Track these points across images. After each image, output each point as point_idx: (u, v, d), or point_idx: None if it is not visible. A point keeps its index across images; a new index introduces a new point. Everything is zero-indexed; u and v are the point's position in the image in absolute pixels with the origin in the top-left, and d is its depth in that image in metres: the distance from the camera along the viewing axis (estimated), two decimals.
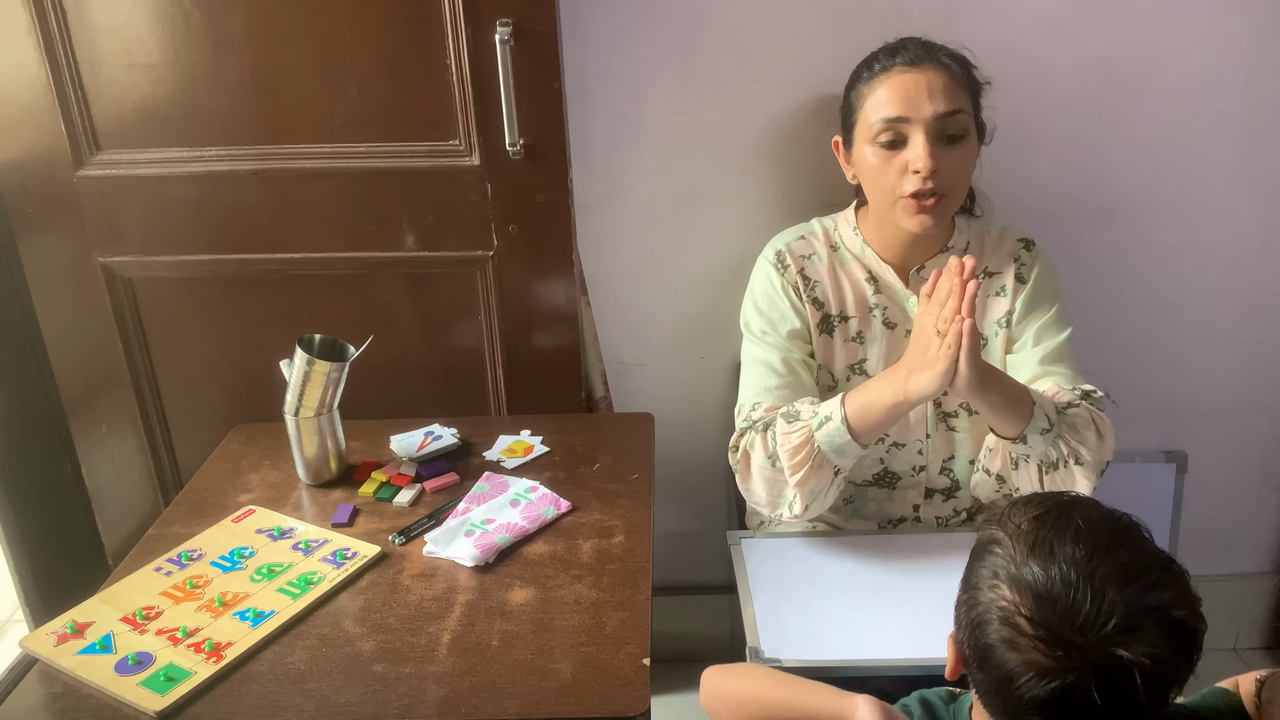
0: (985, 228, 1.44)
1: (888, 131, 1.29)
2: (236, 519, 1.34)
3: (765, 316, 1.42)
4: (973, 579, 0.83)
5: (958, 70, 1.30)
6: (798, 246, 1.43)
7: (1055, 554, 0.77)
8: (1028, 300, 1.39)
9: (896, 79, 1.29)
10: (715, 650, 1.92)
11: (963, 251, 1.40)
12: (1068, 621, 0.75)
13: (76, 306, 1.62)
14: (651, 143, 1.62)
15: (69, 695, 1.06)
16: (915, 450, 1.44)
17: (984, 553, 0.83)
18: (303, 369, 1.36)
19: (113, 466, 1.73)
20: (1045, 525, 0.80)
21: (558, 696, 1.02)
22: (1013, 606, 0.77)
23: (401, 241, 1.56)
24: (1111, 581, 0.75)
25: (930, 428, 1.42)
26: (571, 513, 1.34)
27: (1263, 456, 1.89)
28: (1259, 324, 1.77)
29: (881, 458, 1.45)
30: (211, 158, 1.52)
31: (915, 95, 1.27)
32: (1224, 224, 1.69)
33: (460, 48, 1.44)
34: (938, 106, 1.27)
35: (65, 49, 1.46)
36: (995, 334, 1.41)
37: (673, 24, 1.54)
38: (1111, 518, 0.82)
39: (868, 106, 1.31)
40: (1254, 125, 1.61)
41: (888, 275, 1.41)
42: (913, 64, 1.29)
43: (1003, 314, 1.40)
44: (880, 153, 1.30)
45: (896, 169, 1.29)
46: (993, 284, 1.41)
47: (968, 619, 0.82)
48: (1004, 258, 1.41)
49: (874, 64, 1.33)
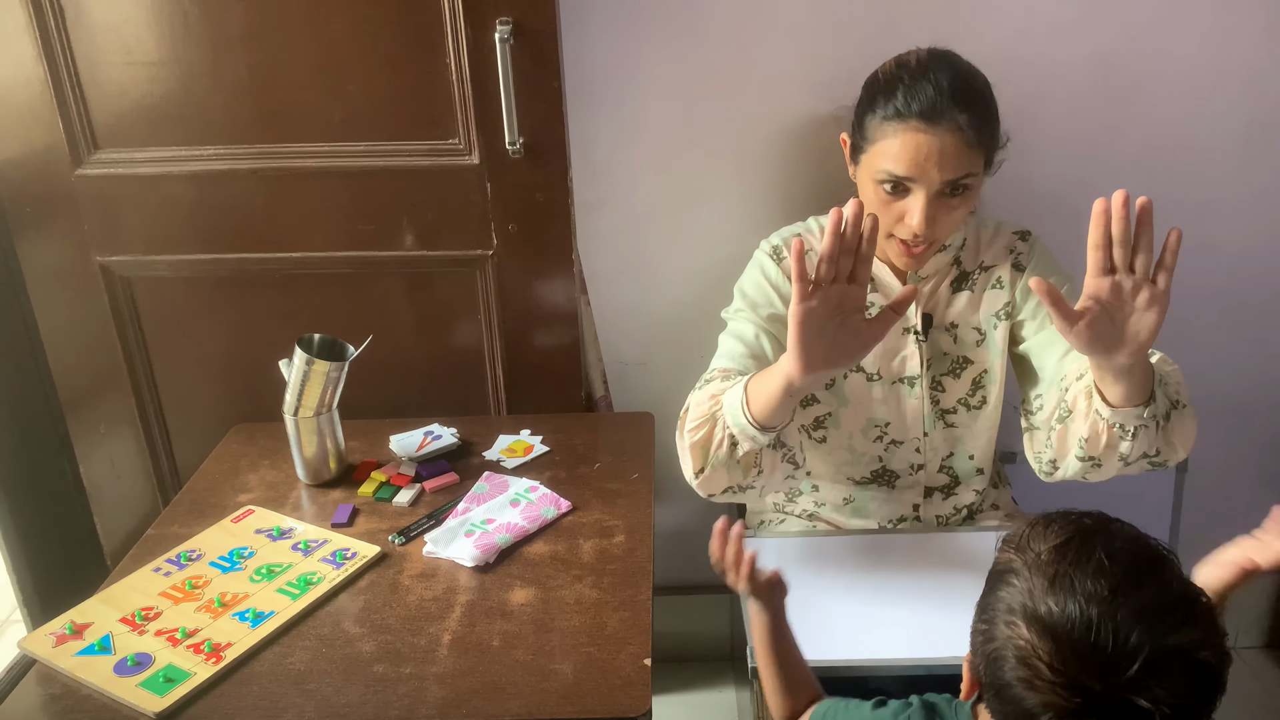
0: (981, 223, 1.43)
1: (890, 182, 1.25)
2: (236, 519, 1.34)
3: (749, 298, 1.39)
4: (989, 610, 0.80)
5: (973, 136, 1.22)
6: (795, 242, 1.42)
7: (1075, 590, 0.74)
8: None
9: (910, 138, 1.22)
10: (716, 650, 1.93)
11: (959, 249, 1.39)
12: (1088, 666, 0.72)
13: (75, 306, 1.61)
14: (651, 142, 1.62)
15: (68, 696, 1.05)
16: (913, 448, 1.43)
17: (1001, 582, 0.80)
18: (302, 368, 1.36)
19: (111, 466, 1.73)
20: (1066, 557, 0.77)
21: (559, 697, 1.02)
22: (1030, 647, 0.74)
23: (401, 241, 1.56)
24: (1134, 622, 0.72)
25: (928, 425, 1.42)
26: (572, 512, 1.34)
27: (1262, 457, 1.89)
28: (1259, 324, 1.77)
29: (880, 455, 1.44)
30: (210, 157, 1.52)
31: (925, 160, 1.21)
32: (1224, 224, 1.69)
33: (460, 46, 1.44)
34: (945, 174, 1.22)
35: (63, 47, 1.46)
36: (994, 326, 1.39)
37: (673, 23, 1.54)
38: (1136, 547, 0.78)
39: (877, 149, 1.26)
40: (1255, 125, 1.61)
41: (884, 274, 1.39)
42: (928, 120, 1.21)
43: (1001, 306, 1.39)
44: (882, 195, 1.27)
45: (895, 214, 1.27)
46: (989, 277, 1.40)
47: (984, 651, 0.79)
48: (1000, 251, 1.40)
49: (890, 100, 1.24)
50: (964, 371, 1.41)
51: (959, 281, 1.39)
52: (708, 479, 1.22)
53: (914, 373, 1.39)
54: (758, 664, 1.10)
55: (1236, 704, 2.18)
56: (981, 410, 1.43)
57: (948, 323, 1.40)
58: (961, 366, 1.41)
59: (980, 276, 1.40)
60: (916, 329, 1.38)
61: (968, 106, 1.22)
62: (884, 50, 1.51)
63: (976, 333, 1.40)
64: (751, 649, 1.18)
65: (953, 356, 1.41)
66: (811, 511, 1.51)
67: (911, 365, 1.39)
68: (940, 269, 1.38)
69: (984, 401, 1.42)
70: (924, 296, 1.39)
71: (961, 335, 1.40)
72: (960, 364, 1.41)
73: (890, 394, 1.41)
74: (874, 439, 1.43)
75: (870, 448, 1.44)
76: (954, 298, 1.39)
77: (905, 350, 1.39)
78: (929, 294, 1.39)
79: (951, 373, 1.41)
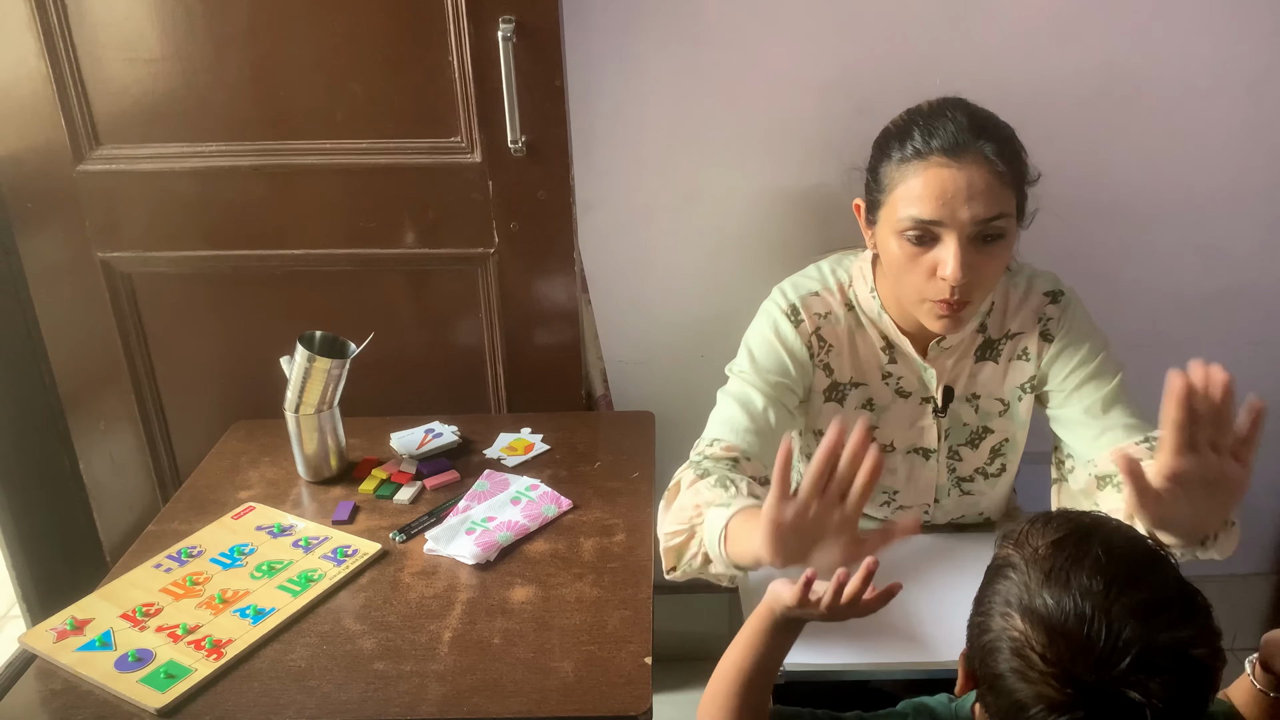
0: (1012, 281, 1.30)
1: (917, 229, 1.13)
2: (236, 516, 1.34)
3: (757, 363, 1.28)
4: (985, 603, 0.80)
5: (1003, 168, 1.12)
6: (813, 303, 1.29)
7: (1071, 584, 0.74)
8: (1064, 354, 1.27)
9: (934, 174, 1.11)
10: (716, 649, 1.92)
11: (985, 315, 1.28)
12: (1080, 659, 0.72)
13: (75, 302, 1.61)
14: (653, 140, 1.62)
15: (68, 692, 1.05)
16: (922, 511, 1.38)
17: (998, 576, 0.80)
18: (303, 365, 1.36)
19: (111, 463, 1.73)
20: (1063, 552, 0.77)
21: (559, 695, 1.02)
22: (1024, 638, 0.75)
23: (402, 238, 1.56)
24: (1128, 617, 0.72)
25: (941, 494, 1.36)
26: (572, 511, 1.34)
27: (1260, 457, 1.88)
28: (1258, 325, 1.77)
29: (885, 517, 1.39)
30: (212, 153, 1.52)
31: (953, 197, 1.10)
32: (1224, 225, 1.69)
33: (462, 44, 1.43)
34: (976, 212, 1.10)
35: (65, 43, 1.46)
36: (1019, 399, 1.31)
37: (675, 21, 1.54)
38: (1134, 546, 0.78)
39: (898, 195, 1.14)
40: (1254, 127, 1.61)
41: (904, 345, 1.28)
42: (952, 155, 1.11)
43: (1026, 379, 1.30)
44: (907, 248, 1.15)
45: (924, 269, 1.15)
46: (1015, 346, 1.29)
47: (979, 643, 0.80)
48: (1028, 317, 1.29)
49: (907, 141, 1.14)
50: (983, 441, 1.34)
51: (983, 350, 1.29)
52: (679, 576, 1.18)
53: (931, 445, 1.33)
54: (728, 670, 1.00)
55: None
56: (1000, 477, 1.37)
57: (969, 394, 1.31)
58: (981, 436, 1.34)
59: (1006, 346, 1.29)
60: (936, 403, 1.31)
61: (992, 137, 1.13)
62: (886, 52, 1.51)
63: (1000, 404, 1.32)
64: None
65: (973, 427, 1.33)
66: None
67: (929, 438, 1.32)
68: (964, 338, 1.29)
69: (1003, 469, 1.36)
70: (946, 370, 1.29)
71: (984, 406, 1.32)
72: (980, 434, 1.34)
73: (904, 463, 1.34)
74: (880, 504, 1.38)
75: (876, 511, 1.39)
76: (977, 368, 1.30)
77: (923, 421, 1.32)
78: (951, 365, 1.29)
79: (970, 443, 1.34)
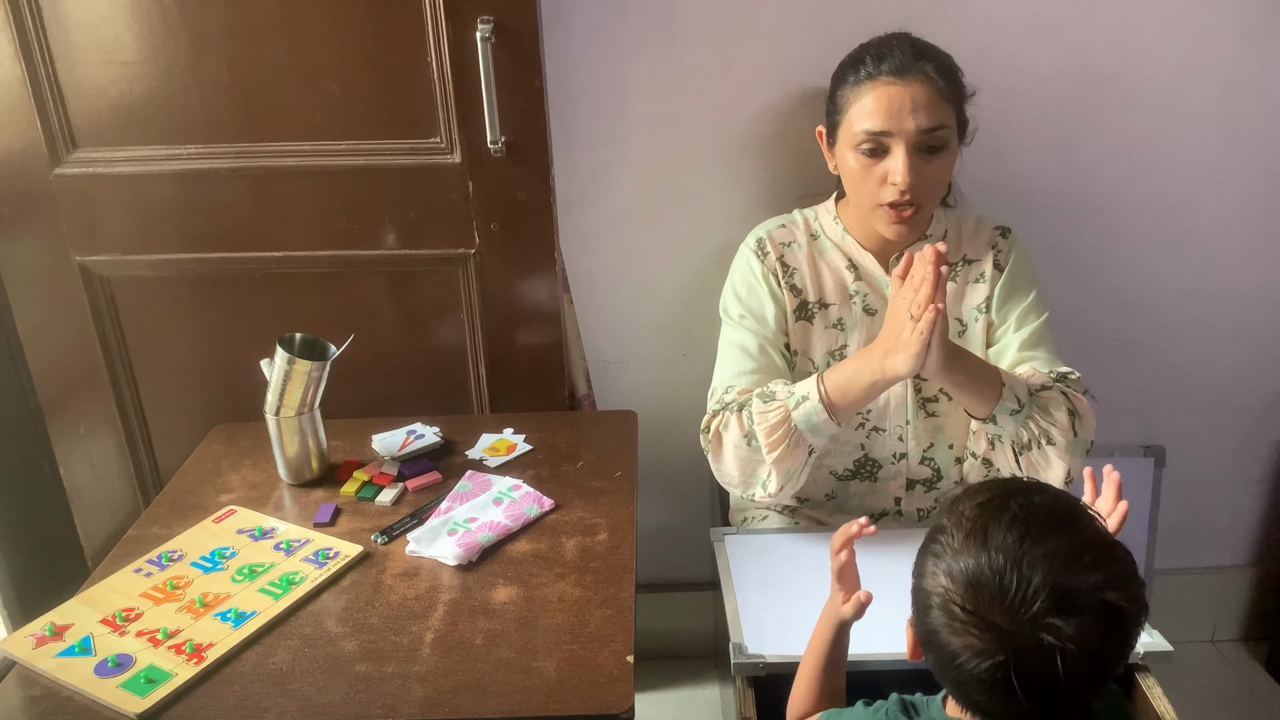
0: (962, 216, 1.47)
1: (869, 142, 1.31)
2: (217, 519, 1.33)
3: (744, 302, 1.44)
4: (920, 567, 0.86)
5: (943, 84, 1.30)
6: (778, 234, 1.46)
7: (989, 541, 0.79)
8: (1005, 287, 1.42)
9: (882, 91, 1.30)
10: (699, 647, 1.93)
11: (940, 240, 1.42)
12: (996, 606, 0.77)
13: (53, 306, 1.60)
14: (633, 139, 1.62)
15: (48, 698, 1.05)
16: (895, 436, 1.45)
17: (931, 541, 0.86)
18: (283, 368, 1.35)
19: (91, 467, 1.72)
20: (985, 512, 0.82)
21: (542, 695, 1.02)
22: (947, 593, 0.81)
23: (383, 240, 1.56)
24: (1040, 565, 0.76)
25: (910, 413, 1.44)
26: (555, 510, 1.34)
27: (1240, 450, 1.91)
28: (1236, 319, 1.79)
29: (862, 444, 1.46)
30: (190, 156, 1.51)
31: (899, 110, 1.29)
32: (1202, 219, 1.70)
33: (441, 45, 1.43)
34: (920, 122, 1.28)
35: (41, 46, 1.45)
36: (975, 319, 1.43)
37: (654, 20, 1.54)
38: (1053, 503, 0.82)
39: (852, 113, 1.33)
40: (1231, 121, 1.63)
41: (868, 262, 1.43)
42: (898, 74, 1.30)
43: (981, 300, 1.43)
44: (862, 159, 1.33)
45: (877, 177, 1.32)
46: (971, 271, 1.44)
47: (916, 604, 0.86)
48: (982, 245, 1.44)
49: (860, 67, 1.33)
50: None
51: None
52: (787, 490, 1.34)
53: None
54: (808, 663, 1.09)
55: (1214, 696, 2.21)
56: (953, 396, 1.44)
57: None
58: None
59: (963, 269, 1.44)
60: None
61: (933, 59, 1.31)
62: None
63: (958, 324, 1.44)
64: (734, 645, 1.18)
65: None
66: (794, 508, 1.52)
67: None
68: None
69: None
70: None
71: None
72: None
73: None
74: (856, 426, 1.45)
75: (853, 435, 1.46)
76: None
77: None
78: None
79: None
